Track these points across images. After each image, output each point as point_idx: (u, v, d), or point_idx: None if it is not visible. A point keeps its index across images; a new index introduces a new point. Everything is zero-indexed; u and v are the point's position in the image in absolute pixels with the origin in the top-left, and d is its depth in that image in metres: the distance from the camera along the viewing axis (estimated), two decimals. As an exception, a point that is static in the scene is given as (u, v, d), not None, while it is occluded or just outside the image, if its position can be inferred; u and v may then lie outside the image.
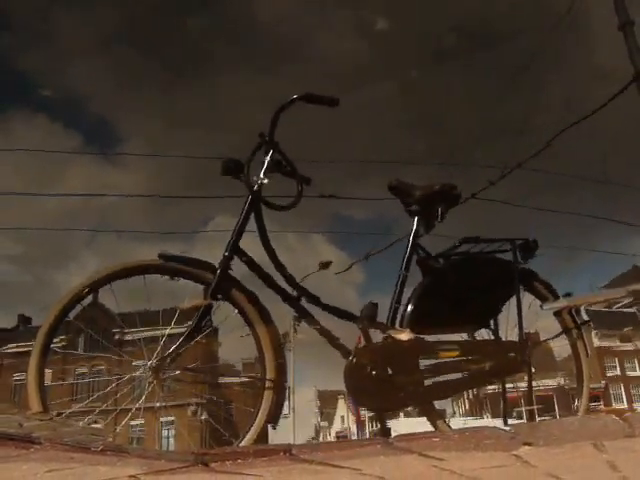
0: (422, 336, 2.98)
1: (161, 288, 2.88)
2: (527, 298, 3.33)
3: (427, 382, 3.01)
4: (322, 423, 67.48)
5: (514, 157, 13.90)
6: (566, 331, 3.42)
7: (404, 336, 2.91)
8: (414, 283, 3.10)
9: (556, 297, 3.40)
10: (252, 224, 2.90)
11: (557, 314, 3.43)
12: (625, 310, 61.69)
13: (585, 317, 3.51)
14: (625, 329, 59.67)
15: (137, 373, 2.73)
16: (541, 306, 3.33)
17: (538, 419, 4.89)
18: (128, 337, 27.65)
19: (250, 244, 2.88)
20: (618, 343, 58.26)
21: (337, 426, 63.86)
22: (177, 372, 2.77)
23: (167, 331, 2.83)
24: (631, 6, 10.65)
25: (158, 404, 2.92)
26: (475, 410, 52.49)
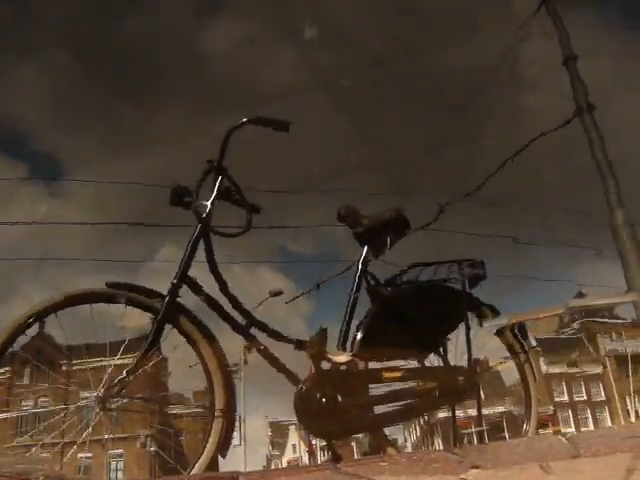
0: (372, 363, 3.00)
1: (109, 318, 2.83)
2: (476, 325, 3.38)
3: (377, 409, 3.01)
4: (274, 452, 66.67)
5: (461, 187, 14.12)
6: (513, 354, 3.47)
7: (342, 358, 2.91)
8: (364, 310, 3.11)
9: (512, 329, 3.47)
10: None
11: (504, 339, 3.48)
12: (572, 336, 62.94)
13: (533, 343, 3.58)
14: (573, 355, 60.75)
15: (83, 403, 2.67)
16: (481, 324, 3.37)
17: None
18: (75, 368, 27.03)
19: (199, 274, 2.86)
20: (566, 368, 59.22)
21: (289, 455, 63.17)
22: (125, 401, 2.71)
23: (114, 361, 2.77)
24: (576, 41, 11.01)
25: (106, 436, 2.85)
26: (426, 437, 52.53)
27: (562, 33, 10.88)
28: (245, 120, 2.94)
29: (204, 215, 2.86)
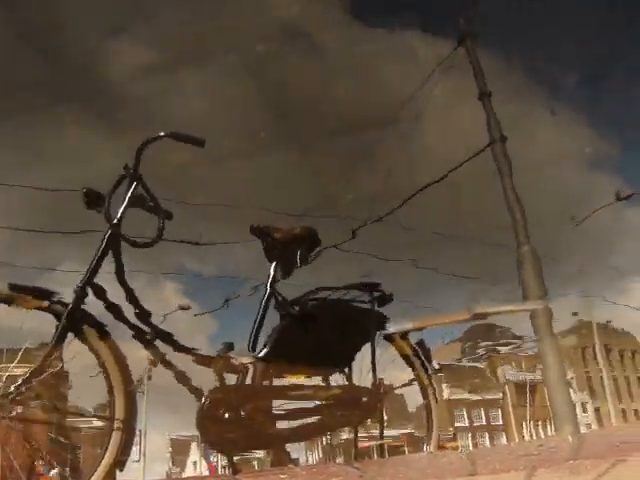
0: (276, 379, 3.00)
1: (7, 322, 2.72)
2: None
3: (280, 425, 3.01)
4: (174, 469, 65.15)
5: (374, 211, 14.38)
6: (408, 364, 3.53)
7: (246, 359, 2.90)
8: (272, 327, 3.11)
9: (409, 344, 3.53)
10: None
11: (396, 346, 3.54)
12: (474, 364, 64.70)
13: (436, 366, 3.65)
14: (474, 381, 62.35)
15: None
16: (382, 332, 3.40)
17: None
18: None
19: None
20: (467, 395, 60.70)
21: (189, 472, 61.89)
22: (20, 410, 2.61)
23: (10, 369, 2.67)
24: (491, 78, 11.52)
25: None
26: (328, 458, 52.52)
27: (478, 70, 11.36)
28: (162, 134, 2.92)
29: (115, 221, 2.80)
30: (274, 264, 3.18)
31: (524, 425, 58.87)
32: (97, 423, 2.90)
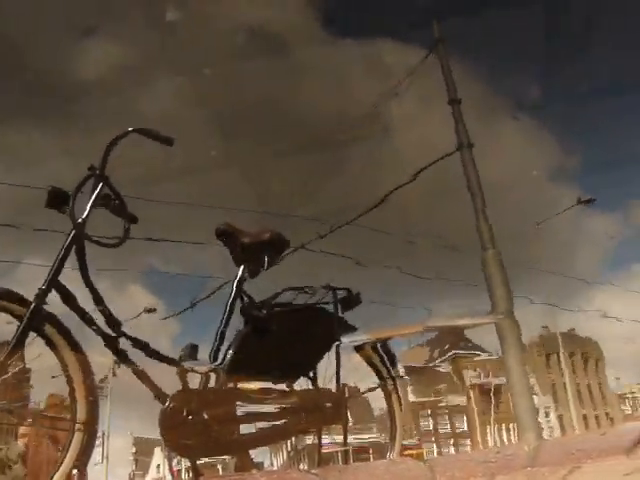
0: (241, 383, 2.99)
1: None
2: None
3: (243, 429, 3.00)
4: (136, 471, 64.37)
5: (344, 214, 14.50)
6: (375, 372, 3.56)
7: (204, 369, 2.89)
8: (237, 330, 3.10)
9: (374, 347, 3.55)
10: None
11: (363, 355, 3.56)
12: (440, 368, 65.06)
13: (401, 372, 3.67)
14: (440, 386, 62.71)
15: None
16: (338, 341, 3.39)
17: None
18: None
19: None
20: (432, 398, 60.99)
21: (152, 475, 61.24)
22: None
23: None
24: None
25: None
26: (292, 463, 52.43)
27: (448, 77, 11.51)
28: (131, 130, 2.90)
29: (79, 220, 2.77)
30: (241, 267, 3.17)
31: (488, 430, 59.38)
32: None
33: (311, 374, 3.29)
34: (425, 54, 12.60)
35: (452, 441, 59.40)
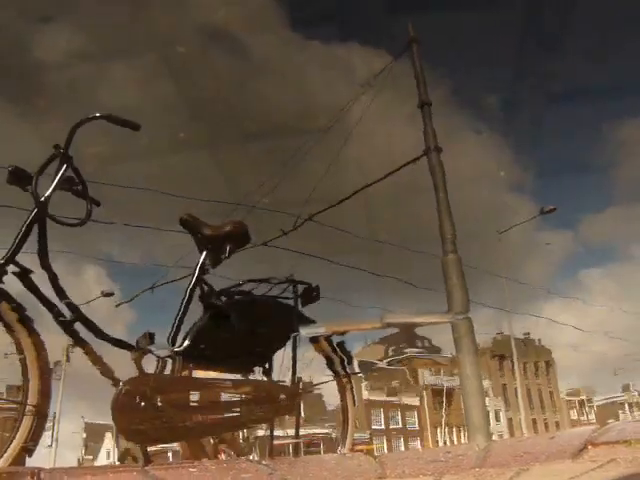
0: (196, 371, 2.98)
1: None
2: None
3: (196, 418, 2.99)
4: (86, 456, 63.58)
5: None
6: (330, 366, 3.58)
7: (163, 352, 2.88)
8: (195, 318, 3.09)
9: (329, 341, 3.58)
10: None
11: (319, 348, 3.59)
12: (394, 367, 65.62)
13: (357, 369, 3.70)
14: (393, 383, 63.25)
15: None
16: (296, 337, 3.42)
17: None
18: None
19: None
20: (385, 397, 61.43)
21: (102, 461, 60.56)
22: None
23: None
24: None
25: None
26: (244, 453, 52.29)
27: (420, 79, 11.54)
28: (97, 115, 2.88)
29: (42, 199, 2.74)
30: (203, 254, 3.17)
31: (439, 430, 60.07)
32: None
33: (267, 366, 3.30)
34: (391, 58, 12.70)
35: (402, 438, 59.91)
